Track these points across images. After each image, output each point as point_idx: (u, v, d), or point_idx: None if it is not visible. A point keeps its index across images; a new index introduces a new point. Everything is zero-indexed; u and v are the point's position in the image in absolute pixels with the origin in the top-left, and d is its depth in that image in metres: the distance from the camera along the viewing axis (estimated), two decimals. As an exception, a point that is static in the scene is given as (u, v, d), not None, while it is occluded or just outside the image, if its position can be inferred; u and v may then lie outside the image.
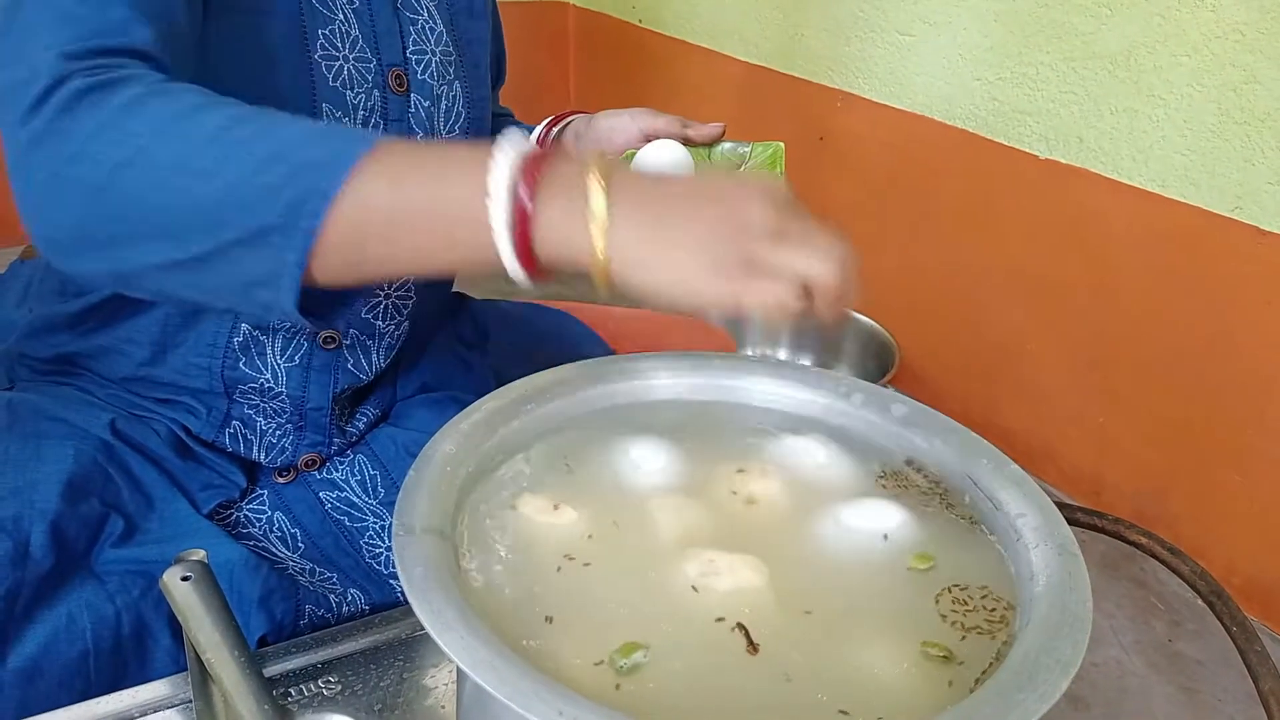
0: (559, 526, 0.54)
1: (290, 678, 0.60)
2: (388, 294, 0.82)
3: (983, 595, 0.51)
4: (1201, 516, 1.34)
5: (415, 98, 0.77)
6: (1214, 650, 1.17)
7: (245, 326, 0.76)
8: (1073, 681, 0.42)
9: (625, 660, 0.45)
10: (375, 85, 0.73)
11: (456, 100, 0.81)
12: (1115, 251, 1.38)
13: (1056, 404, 1.51)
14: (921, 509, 0.57)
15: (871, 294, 1.82)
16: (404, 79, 0.76)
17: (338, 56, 0.71)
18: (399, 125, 0.76)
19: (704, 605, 0.49)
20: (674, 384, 0.66)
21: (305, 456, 0.83)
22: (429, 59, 0.78)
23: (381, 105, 0.74)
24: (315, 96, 0.70)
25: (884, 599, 0.51)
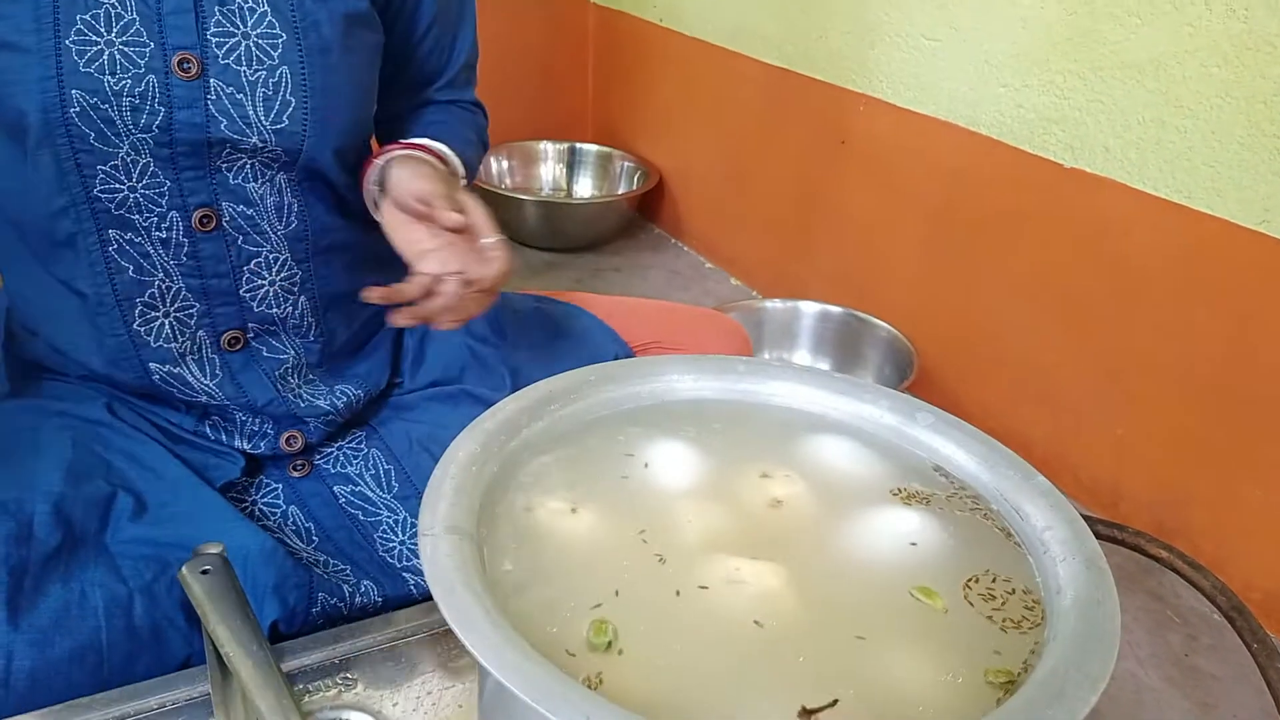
0: (581, 528, 0.53)
1: (309, 673, 0.60)
2: (270, 279, 0.79)
3: (1009, 589, 0.51)
4: (1220, 530, 1.33)
5: (215, 83, 0.72)
6: (1231, 665, 1.16)
7: (154, 365, 0.77)
8: (1094, 696, 0.41)
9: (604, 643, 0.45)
10: (151, 70, 0.70)
11: (282, 88, 0.74)
12: (1139, 262, 1.37)
13: (1075, 414, 1.50)
14: (949, 517, 0.56)
15: (891, 299, 1.82)
16: (194, 63, 0.71)
17: (97, 41, 0.68)
18: (191, 112, 0.71)
19: (729, 611, 0.48)
20: (697, 387, 0.66)
21: (286, 435, 0.82)
22: (238, 42, 0.72)
23: (162, 90, 0.70)
24: (63, 83, 0.67)
25: (910, 609, 0.50)
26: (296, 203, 0.79)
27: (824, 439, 0.63)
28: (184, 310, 0.76)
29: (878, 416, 0.64)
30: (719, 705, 0.43)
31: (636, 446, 0.60)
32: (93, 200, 0.71)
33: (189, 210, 0.74)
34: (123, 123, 0.70)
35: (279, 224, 0.78)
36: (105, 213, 0.71)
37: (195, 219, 0.74)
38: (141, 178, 0.72)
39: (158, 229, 0.73)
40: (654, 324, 0.94)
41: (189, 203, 0.74)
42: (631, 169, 2.57)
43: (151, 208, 0.73)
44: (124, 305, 0.74)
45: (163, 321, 0.76)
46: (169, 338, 0.76)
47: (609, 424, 0.62)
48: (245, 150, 0.74)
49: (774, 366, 0.68)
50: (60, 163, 0.69)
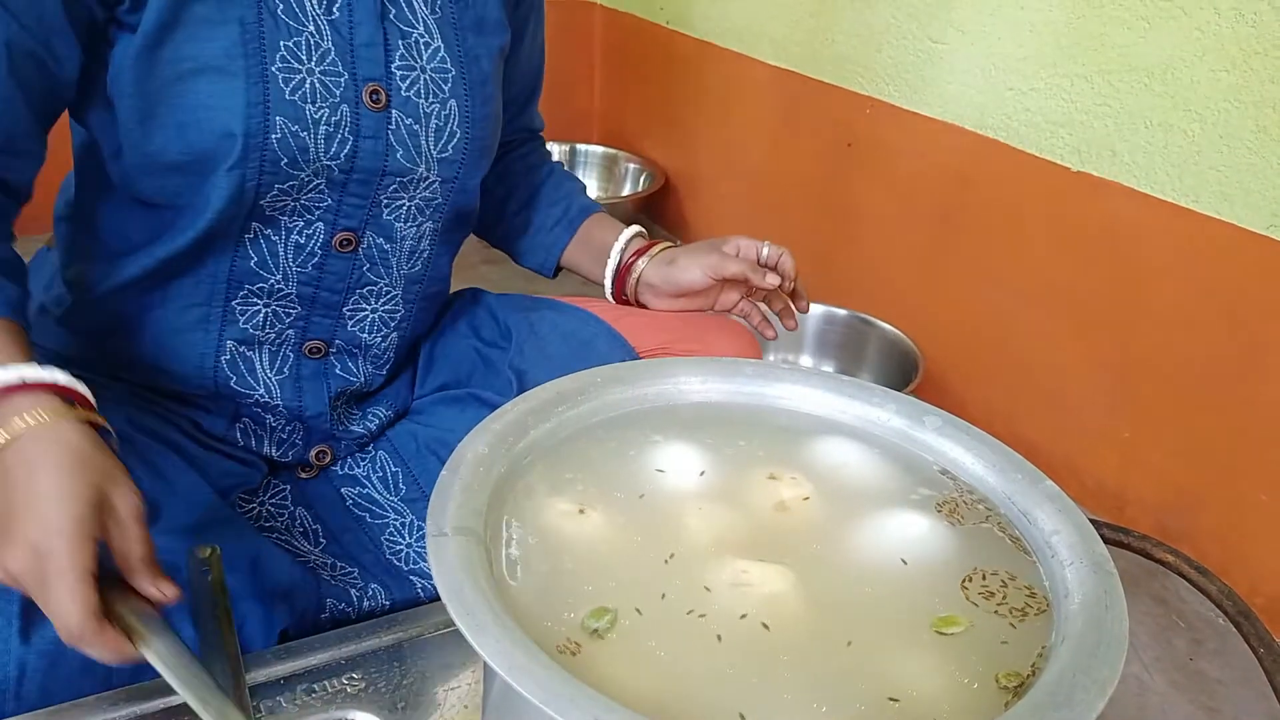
0: (589, 530, 0.53)
1: (314, 674, 0.60)
2: (374, 308, 0.82)
3: (1003, 583, 0.51)
4: (1226, 535, 1.32)
5: (397, 114, 0.75)
6: (1235, 670, 1.15)
7: (230, 343, 0.77)
8: (1100, 700, 0.41)
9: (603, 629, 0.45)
10: (344, 100, 0.72)
11: (450, 120, 0.78)
12: (1145, 266, 1.37)
13: (1081, 418, 1.50)
14: (956, 521, 0.56)
15: (896, 302, 1.81)
16: (382, 95, 0.74)
17: (299, 69, 0.70)
18: (375, 142, 0.74)
19: (735, 613, 0.48)
20: (705, 389, 0.66)
21: (317, 449, 0.83)
22: (417, 75, 0.75)
23: (352, 120, 0.72)
24: (269, 109, 0.69)
25: (918, 612, 0.50)
26: (429, 250, 0.84)
27: (831, 442, 0.63)
28: (285, 307, 0.78)
29: (885, 420, 0.64)
30: (725, 707, 0.43)
31: (644, 448, 0.60)
32: (254, 206, 0.72)
33: (335, 229, 0.76)
34: (315, 150, 0.71)
35: (405, 264, 0.82)
36: (259, 213, 0.73)
37: (337, 239, 0.76)
38: (308, 194, 0.74)
39: (298, 234, 0.75)
40: (662, 329, 0.94)
41: (339, 223, 0.76)
42: (637, 171, 2.57)
43: (302, 215, 0.74)
44: (232, 284, 0.75)
45: (261, 308, 0.77)
46: (258, 324, 0.78)
47: (616, 426, 0.62)
48: (409, 184, 0.77)
49: (781, 369, 0.68)
50: (243, 183, 0.70)
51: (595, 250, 0.99)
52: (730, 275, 0.91)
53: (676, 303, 0.96)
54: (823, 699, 0.44)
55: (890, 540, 0.54)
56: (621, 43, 2.65)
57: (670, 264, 0.94)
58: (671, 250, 0.96)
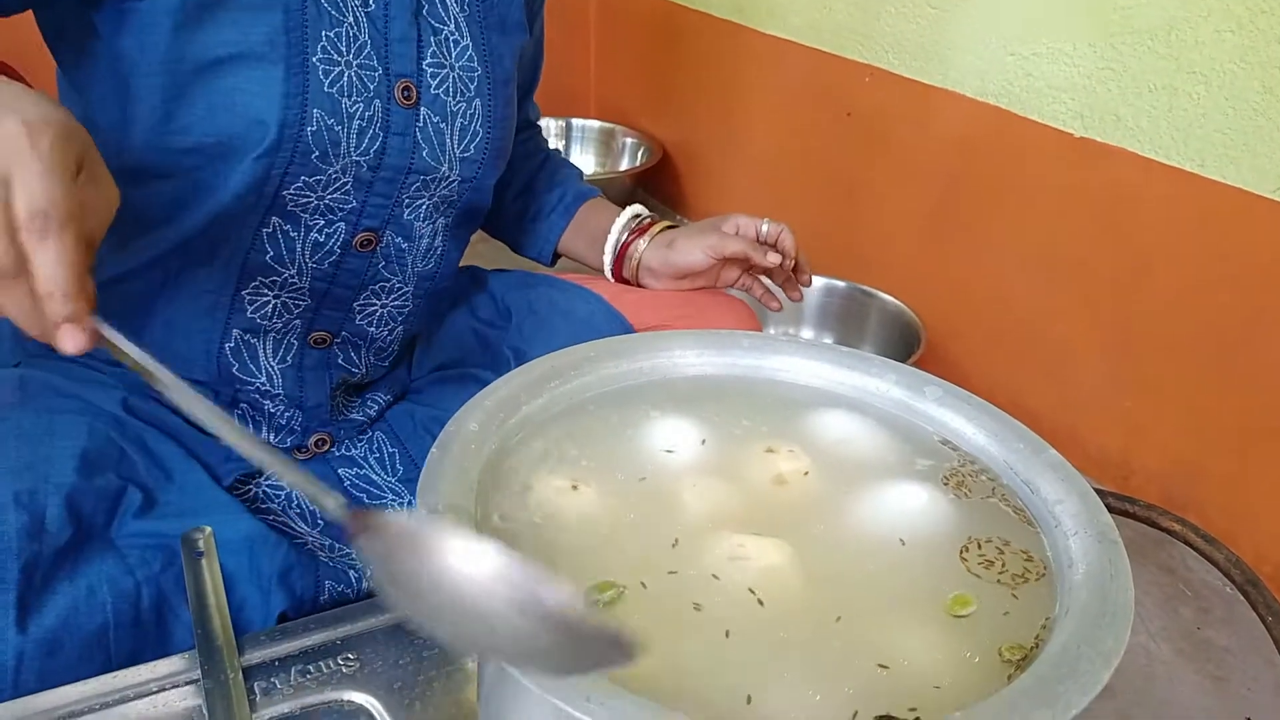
0: (583, 506, 0.52)
1: (308, 655, 0.59)
2: (384, 304, 0.82)
3: (999, 549, 0.51)
4: (1232, 503, 1.31)
5: (425, 112, 0.74)
6: (1243, 638, 1.15)
7: (236, 331, 0.76)
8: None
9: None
10: (377, 95, 0.71)
11: (474, 119, 0.78)
12: (1150, 232, 1.35)
13: (1084, 387, 1.48)
14: (958, 491, 0.55)
15: (897, 273, 1.80)
16: (413, 91, 0.73)
17: (339, 61, 0.69)
18: (403, 139, 0.73)
19: (732, 588, 0.47)
20: (700, 362, 0.65)
21: (316, 436, 0.83)
22: (446, 73, 0.75)
23: (383, 116, 0.72)
24: (307, 101, 0.68)
25: (919, 585, 0.49)
26: (443, 247, 0.83)
27: (830, 414, 0.62)
28: (296, 299, 0.77)
29: (885, 391, 0.63)
30: (722, 684, 0.43)
31: (639, 423, 0.59)
32: (275, 197, 0.70)
33: (357, 229, 0.75)
34: (347, 145, 0.70)
35: (420, 262, 0.82)
36: (280, 207, 0.71)
37: (359, 239, 0.76)
38: (333, 191, 0.72)
39: (318, 232, 0.74)
40: (661, 305, 0.93)
41: (361, 223, 0.75)
42: (634, 145, 2.55)
43: (325, 215, 0.73)
44: (245, 275, 0.74)
45: (270, 299, 0.76)
46: (266, 315, 0.77)
47: (611, 400, 0.61)
48: (430, 182, 0.77)
49: (779, 341, 0.67)
50: (269, 172, 0.68)
51: (592, 235, 0.99)
52: (730, 254, 0.91)
53: (677, 284, 0.95)
54: (823, 675, 0.43)
55: (890, 513, 0.53)
56: (617, 15, 2.62)
57: (669, 246, 0.93)
58: (670, 231, 0.95)
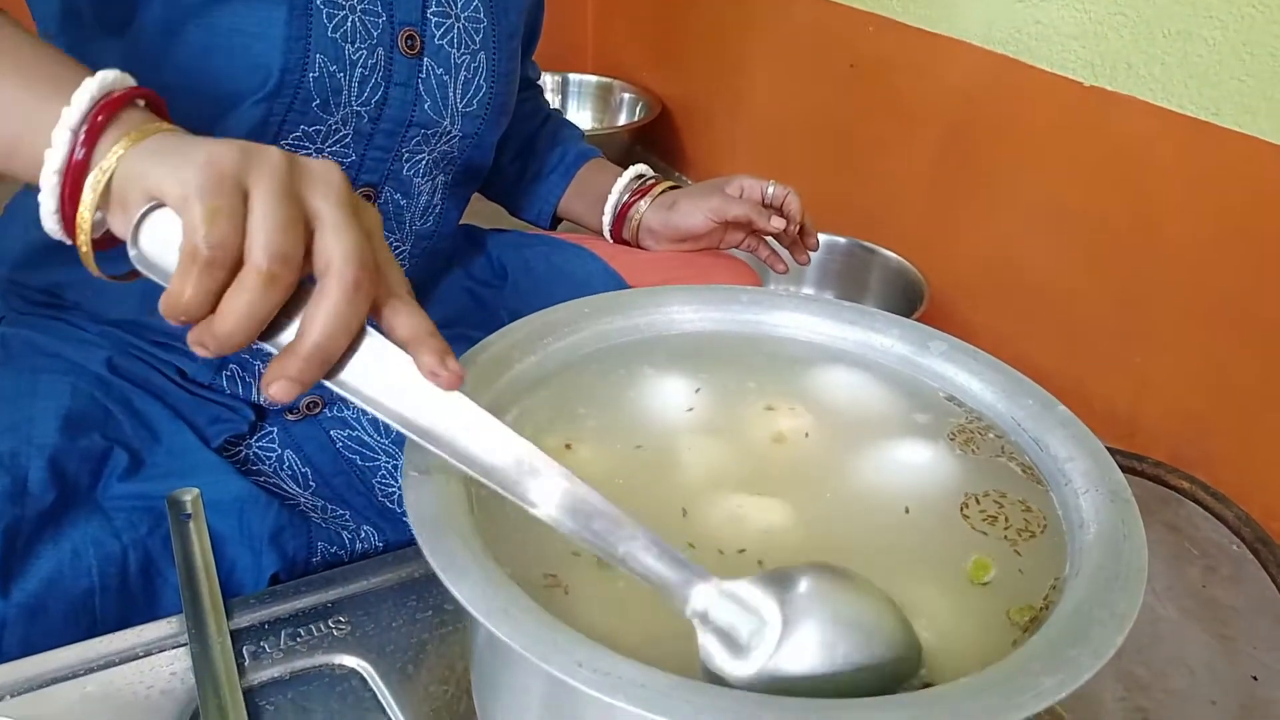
0: (577, 466, 0.51)
1: (299, 618, 0.58)
2: None
3: (998, 503, 0.49)
4: (1240, 460, 1.30)
5: (429, 63, 0.72)
6: (1250, 596, 1.14)
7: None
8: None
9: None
10: (380, 43, 0.69)
11: (478, 73, 0.76)
12: (1162, 184, 1.32)
13: (1092, 343, 1.47)
14: (964, 449, 0.54)
15: (900, 228, 1.77)
16: (417, 40, 0.71)
17: (343, 6, 0.67)
18: (405, 90, 0.72)
19: (731, 549, 0.46)
20: (698, 318, 0.63)
21: (307, 399, 0.81)
22: (451, 24, 0.73)
23: (386, 66, 0.70)
24: (309, 45, 0.66)
25: (924, 545, 0.48)
26: (441, 204, 0.82)
27: (832, 370, 0.60)
28: None
29: (888, 346, 0.61)
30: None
31: (635, 381, 0.57)
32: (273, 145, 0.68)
33: (355, 184, 0.73)
34: (349, 93, 0.68)
35: (418, 220, 0.80)
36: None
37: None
38: (331, 144, 0.70)
39: None
40: (661, 266, 0.92)
41: (360, 178, 0.73)
42: (632, 100, 2.51)
43: None
44: None
45: None
46: None
47: (605, 358, 0.59)
48: (431, 136, 0.75)
49: (779, 296, 0.64)
50: (267, 117, 0.66)
51: (593, 197, 0.97)
52: (733, 218, 0.89)
53: (678, 246, 0.93)
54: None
55: (894, 471, 0.52)
56: (615, -34, 2.56)
57: (670, 208, 0.91)
58: (672, 193, 0.93)
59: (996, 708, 0.35)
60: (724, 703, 0.35)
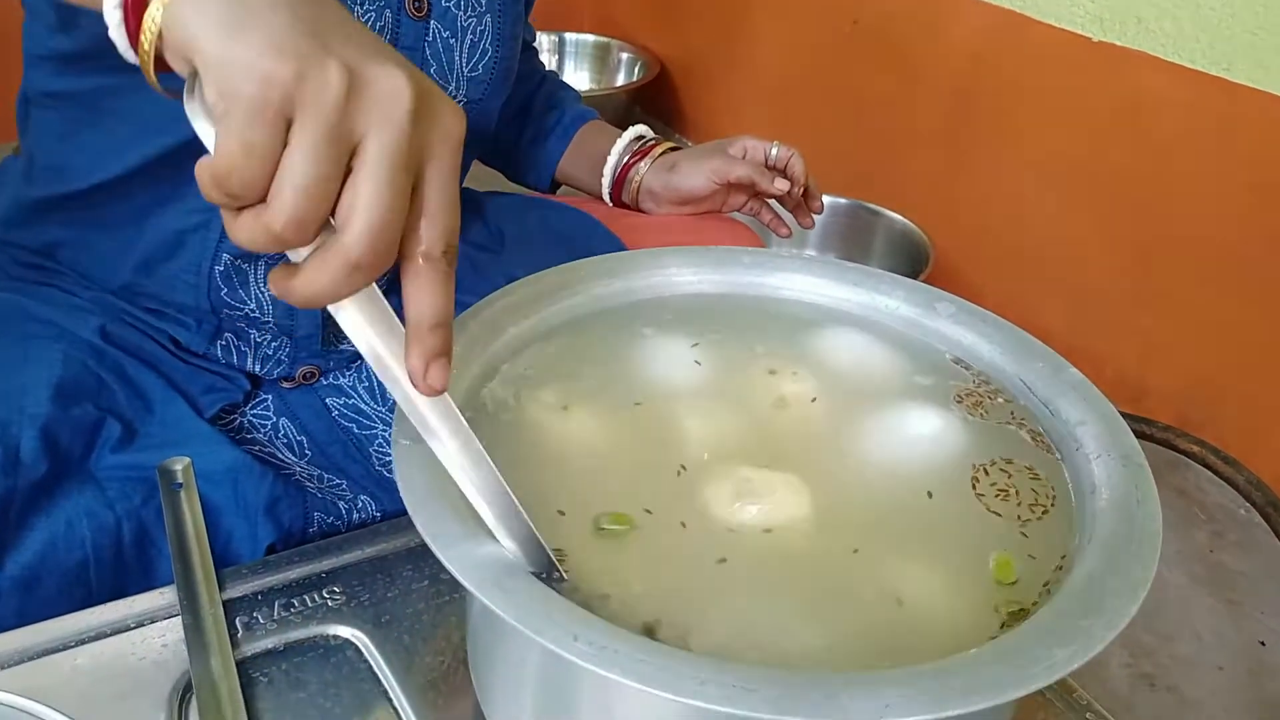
0: (573, 430, 0.49)
1: (292, 588, 0.57)
2: None
3: (1007, 473, 0.48)
4: (1248, 424, 1.29)
5: (435, 25, 0.71)
6: (1257, 561, 1.14)
7: (226, 255, 0.72)
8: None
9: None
10: (388, 5, 0.68)
11: (484, 36, 0.75)
12: (1172, 141, 1.30)
13: (1100, 305, 1.45)
14: (974, 416, 0.52)
15: (904, 189, 1.74)
16: (424, 3, 0.70)
17: None
18: (411, 54, 0.70)
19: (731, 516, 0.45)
20: (698, 280, 0.61)
21: (303, 369, 0.80)
22: None
23: (394, 27, 0.69)
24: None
25: (928, 516, 0.46)
26: None
27: (836, 333, 0.58)
28: None
29: (894, 308, 0.60)
30: (721, 617, 0.40)
31: (633, 344, 0.56)
32: None
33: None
34: None
35: None
36: None
37: None
38: None
39: None
40: (661, 230, 0.90)
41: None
42: (631, 60, 2.47)
43: None
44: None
45: None
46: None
47: (603, 321, 0.57)
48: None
49: (781, 257, 0.63)
50: None
51: (591, 160, 0.95)
52: (735, 180, 0.88)
53: (679, 209, 0.92)
54: (829, 610, 0.41)
55: (898, 436, 0.50)
56: (613, -77, 2.51)
57: (671, 170, 0.89)
58: (673, 154, 0.91)
59: (1007, 680, 0.34)
60: (727, 677, 0.34)
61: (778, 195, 0.90)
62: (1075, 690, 0.54)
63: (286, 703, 0.51)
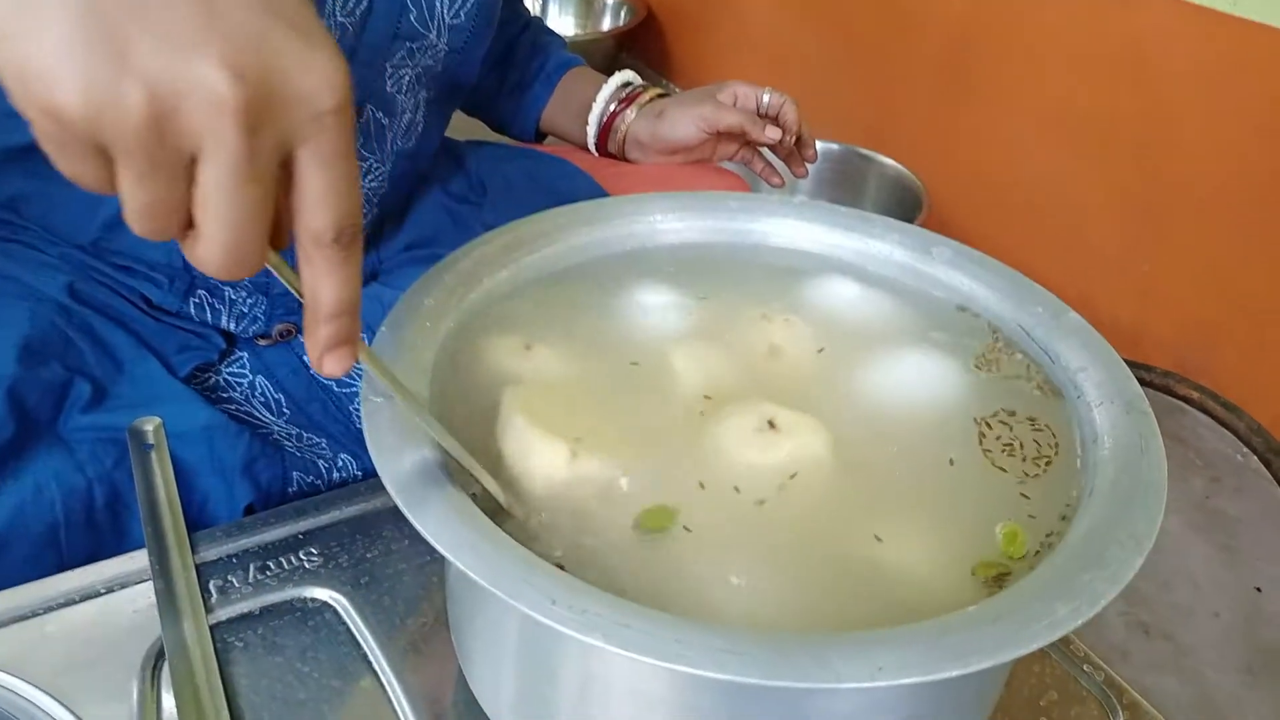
0: (554, 386, 0.47)
1: (268, 550, 0.56)
2: (361, 186, 0.75)
3: (1009, 424, 0.46)
4: (1246, 369, 1.27)
5: None
6: (1254, 507, 1.13)
7: None
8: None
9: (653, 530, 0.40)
10: None
11: None
12: (1173, 81, 1.26)
13: (1098, 250, 1.42)
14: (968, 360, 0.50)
15: (898, 134, 1.70)
16: None
17: None
18: (389, 1, 0.67)
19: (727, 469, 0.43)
20: (683, 227, 0.59)
21: (280, 326, 0.78)
22: None
23: None
24: None
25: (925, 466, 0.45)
26: (424, 122, 0.78)
27: (829, 281, 0.56)
28: None
29: (888, 253, 0.58)
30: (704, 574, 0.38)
31: (616, 296, 0.54)
32: None
33: None
34: (332, 3, 0.64)
35: (400, 139, 0.76)
36: None
37: None
38: None
39: None
40: (648, 179, 0.88)
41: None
42: (616, 4, 2.41)
43: None
44: None
45: None
46: None
47: (583, 272, 0.55)
48: (416, 50, 0.71)
49: (770, 202, 0.60)
50: None
51: (576, 108, 0.92)
52: (726, 128, 0.85)
53: (667, 159, 0.89)
54: (815, 566, 0.39)
55: (895, 385, 0.49)
56: None
57: (659, 118, 0.87)
58: (660, 101, 0.89)
59: (1007, 638, 0.33)
60: (714, 640, 0.32)
61: (770, 144, 0.88)
62: (1073, 642, 0.53)
63: (263, 668, 0.49)
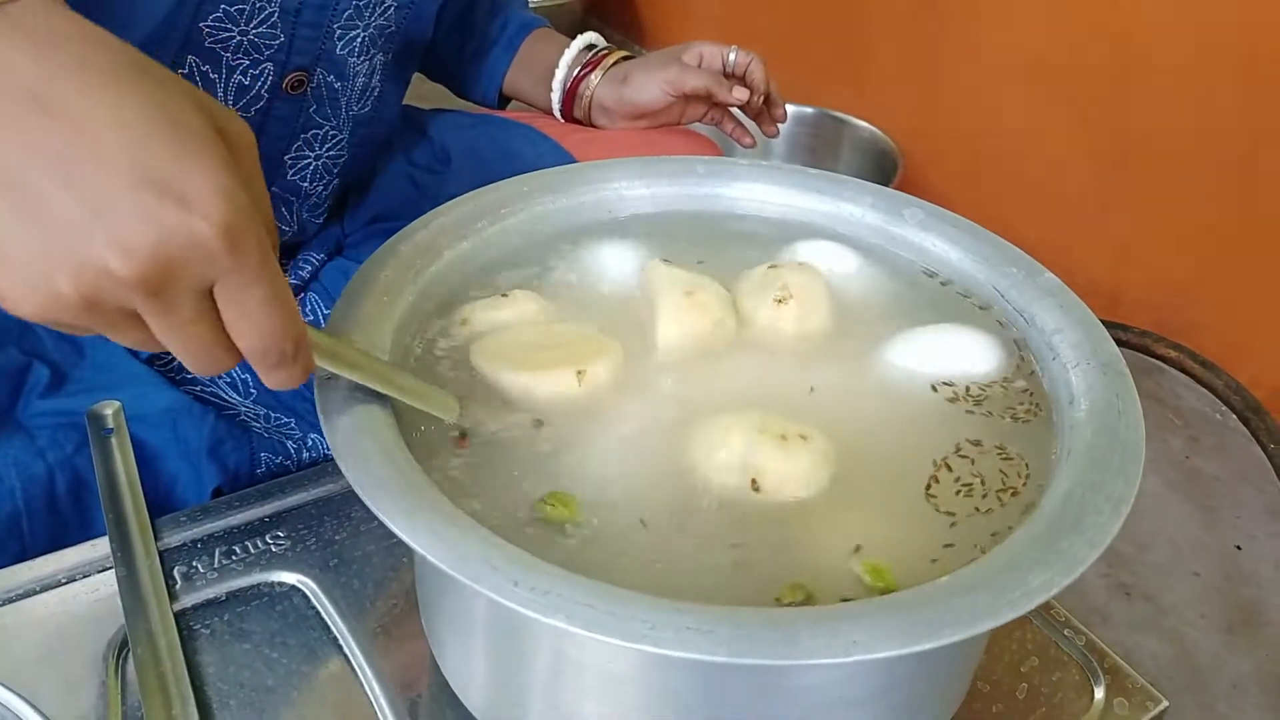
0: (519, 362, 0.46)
1: (233, 534, 0.54)
2: (317, 155, 0.74)
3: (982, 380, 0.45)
4: (1226, 327, 1.27)
5: None
6: (1232, 466, 1.13)
7: None
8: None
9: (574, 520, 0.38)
10: None
11: None
12: (1149, 35, 1.25)
13: (1074, 209, 1.41)
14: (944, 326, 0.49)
15: (870, 96, 1.68)
16: None
17: None
18: None
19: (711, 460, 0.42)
20: (650, 194, 0.57)
21: None
22: None
23: None
24: None
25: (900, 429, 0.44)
26: (380, 86, 0.76)
27: (801, 247, 0.55)
28: None
29: (859, 216, 0.56)
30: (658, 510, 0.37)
31: (580, 265, 0.52)
32: (190, 30, 0.61)
33: (286, 69, 0.66)
34: None
35: (355, 105, 0.74)
36: (196, 43, 0.62)
37: (289, 80, 0.67)
38: (257, 25, 0.63)
39: (242, 74, 0.65)
40: (617, 146, 0.85)
41: (291, 61, 0.66)
42: (588, -31, 2.37)
43: (250, 54, 0.64)
44: None
45: None
46: None
47: (547, 242, 0.54)
48: (364, 9, 0.68)
49: (739, 165, 0.59)
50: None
51: (540, 72, 0.89)
52: (692, 90, 0.83)
53: (634, 123, 0.87)
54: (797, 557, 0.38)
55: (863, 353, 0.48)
56: None
57: (624, 82, 0.85)
58: (625, 64, 0.87)
59: (983, 608, 0.32)
60: (681, 619, 0.31)
61: (737, 104, 0.86)
62: (1053, 606, 0.53)
63: (230, 655, 0.48)
